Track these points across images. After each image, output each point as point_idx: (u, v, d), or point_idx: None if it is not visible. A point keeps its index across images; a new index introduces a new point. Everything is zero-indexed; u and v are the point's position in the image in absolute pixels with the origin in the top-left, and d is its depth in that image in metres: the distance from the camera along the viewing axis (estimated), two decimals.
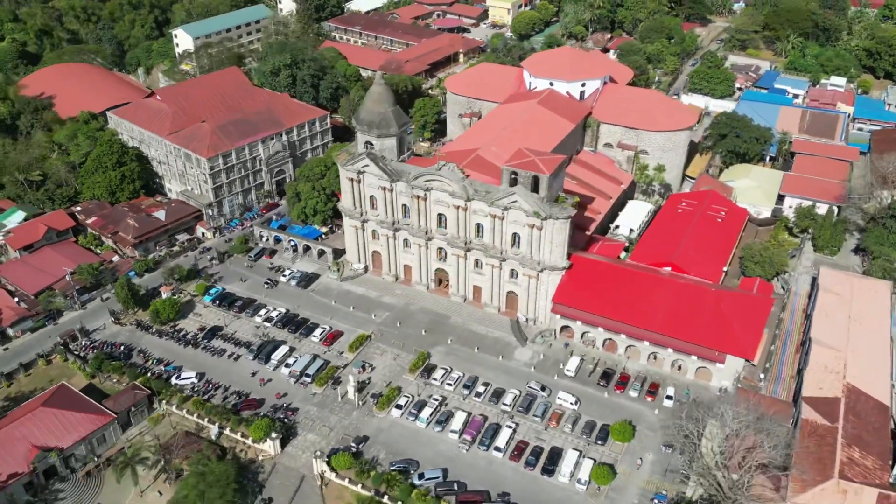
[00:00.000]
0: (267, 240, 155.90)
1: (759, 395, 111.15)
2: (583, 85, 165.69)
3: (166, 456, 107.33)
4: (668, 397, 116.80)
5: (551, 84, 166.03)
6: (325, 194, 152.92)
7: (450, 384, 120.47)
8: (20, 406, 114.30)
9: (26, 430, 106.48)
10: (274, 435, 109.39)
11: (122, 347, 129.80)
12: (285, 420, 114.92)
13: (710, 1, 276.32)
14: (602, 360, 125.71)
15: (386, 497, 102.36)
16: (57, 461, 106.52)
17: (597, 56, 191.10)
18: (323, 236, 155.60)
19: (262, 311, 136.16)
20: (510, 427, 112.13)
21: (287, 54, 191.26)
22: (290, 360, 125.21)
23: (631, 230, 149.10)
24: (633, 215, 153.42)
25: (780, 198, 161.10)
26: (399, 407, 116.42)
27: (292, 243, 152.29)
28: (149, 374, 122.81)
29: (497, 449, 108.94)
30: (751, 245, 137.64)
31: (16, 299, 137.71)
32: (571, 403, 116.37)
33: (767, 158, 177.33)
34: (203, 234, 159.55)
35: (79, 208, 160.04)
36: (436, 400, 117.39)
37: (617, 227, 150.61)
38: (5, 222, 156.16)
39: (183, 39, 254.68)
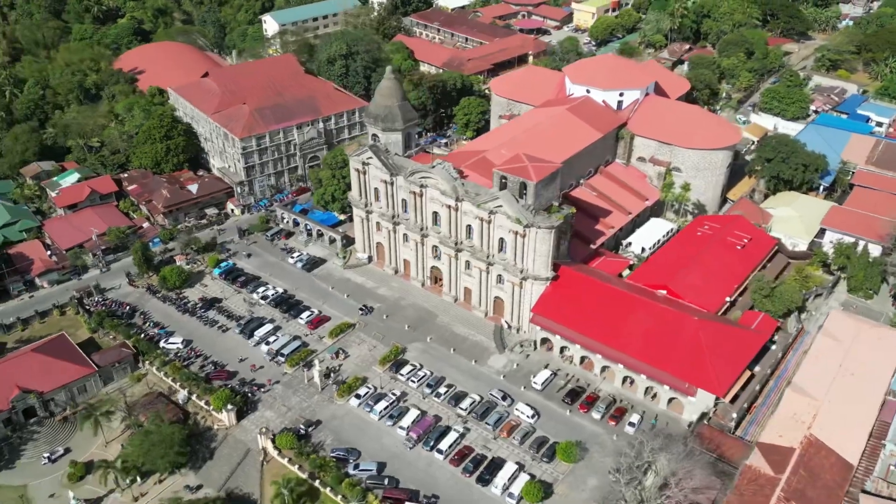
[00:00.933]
0: (287, 222, 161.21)
1: (722, 435, 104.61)
2: (620, 94, 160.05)
3: (131, 412, 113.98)
4: (631, 424, 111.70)
5: (588, 91, 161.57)
6: (344, 183, 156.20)
7: (414, 381, 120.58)
8: (19, 349, 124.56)
9: (13, 370, 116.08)
10: (230, 406, 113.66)
11: (127, 308, 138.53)
12: (249, 394, 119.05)
13: (813, 16, 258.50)
14: (576, 378, 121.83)
15: (318, 482, 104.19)
16: (36, 403, 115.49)
17: (647, 66, 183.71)
18: (341, 224, 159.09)
19: (261, 289, 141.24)
20: (457, 431, 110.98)
21: (343, 44, 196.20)
22: (271, 339, 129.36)
23: (643, 248, 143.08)
24: (649, 234, 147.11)
25: (823, 231, 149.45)
26: (358, 397, 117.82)
27: (307, 227, 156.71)
28: (141, 336, 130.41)
29: (439, 451, 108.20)
30: (761, 277, 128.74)
31: (49, 253, 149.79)
32: (529, 416, 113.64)
33: (821, 188, 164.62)
34: (232, 210, 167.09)
35: (125, 175, 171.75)
36: (394, 394, 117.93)
37: (629, 244, 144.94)
38: (61, 182, 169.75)
39: (270, 25, 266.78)
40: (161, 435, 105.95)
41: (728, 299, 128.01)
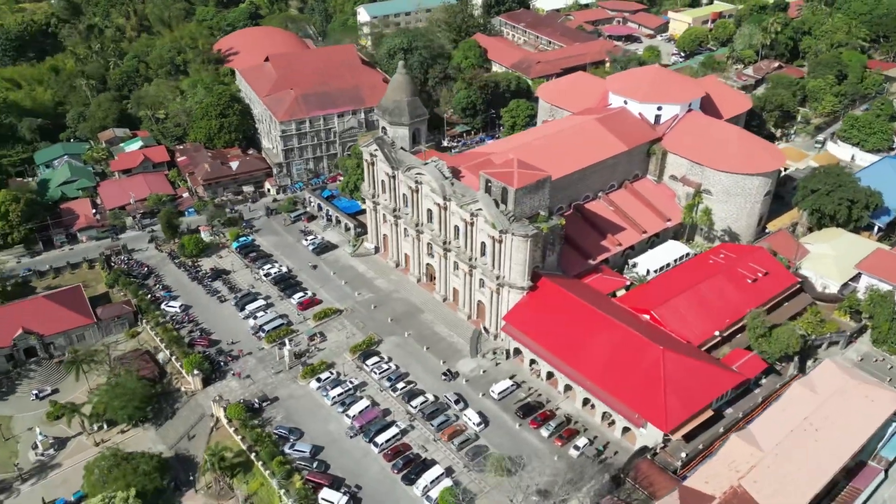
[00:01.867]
0: (312, 205, 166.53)
1: (660, 474, 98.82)
2: (659, 108, 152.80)
3: (113, 364, 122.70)
4: (576, 447, 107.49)
5: (625, 103, 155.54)
6: None
7: (377, 373, 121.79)
8: (36, 295, 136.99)
9: (21, 312, 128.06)
10: (196, 371, 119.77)
11: (145, 269, 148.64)
12: (222, 364, 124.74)
13: None
14: (538, 393, 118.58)
15: (254, 455, 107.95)
16: (37, 344, 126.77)
17: (701, 81, 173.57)
18: (363, 213, 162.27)
19: (267, 266, 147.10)
20: (398, 427, 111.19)
21: (404, 38, 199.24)
22: (259, 314, 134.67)
23: (647, 270, 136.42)
24: (660, 256, 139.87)
25: (860, 276, 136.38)
26: (319, 380, 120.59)
27: (328, 212, 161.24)
28: (147, 296, 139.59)
29: (375, 444, 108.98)
30: (758, 314, 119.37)
31: (94, 211, 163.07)
32: (475, 424, 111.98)
33: (875, 229, 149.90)
34: (268, 189, 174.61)
35: (180, 147, 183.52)
36: (352, 382, 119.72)
37: (635, 264, 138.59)
38: (126, 148, 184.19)
39: (362, 17, 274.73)
40: (125, 388, 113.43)
41: (717, 333, 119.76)
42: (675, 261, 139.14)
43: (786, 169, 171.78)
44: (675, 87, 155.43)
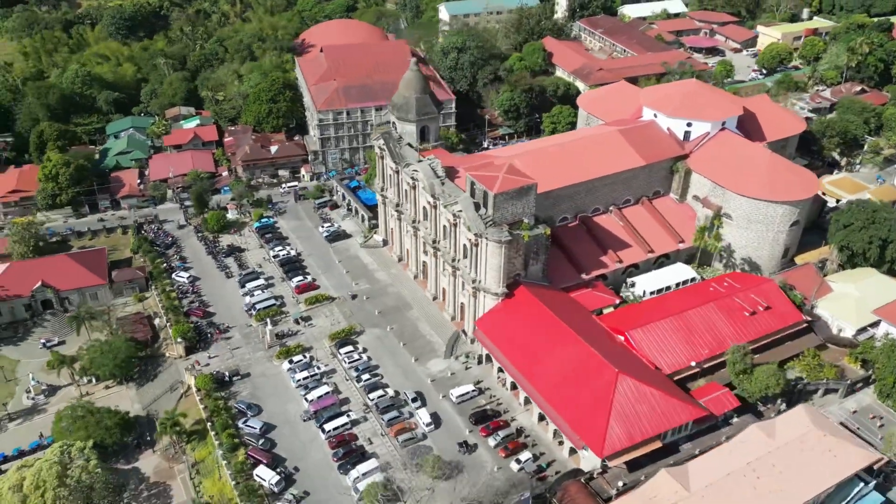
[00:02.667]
0: (338, 194, 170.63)
1: (588, 499, 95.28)
2: (688, 124, 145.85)
3: (112, 324, 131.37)
4: (518, 461, 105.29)
5: (655, 116, 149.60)
6: None
7: (347, 362, 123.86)
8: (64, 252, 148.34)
9: (44, 267, 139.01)
10: (180, 340, 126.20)
11: (169, 239, 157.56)
12: (209, 335, 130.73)
13: None
14: (498, 401, 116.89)
15: (210, 425, 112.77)
16: (53, 298, 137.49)
17: (752, 100, 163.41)
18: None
19: (278, 248, 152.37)
20: (348, 417, 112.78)
21: (460, 38, 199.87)
22: (256, 293, 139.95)
23: (644, 291, 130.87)
24: (662, 278, 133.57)
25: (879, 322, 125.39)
26: (291, 362, 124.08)
27: (349, 202, 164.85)
28: (163, 264, 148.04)
29: (323, 430, 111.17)
30: (739, 349, 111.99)
31: (139, 181, 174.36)
32: (426, 424, 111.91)
33: None
34: (303, 175, 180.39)
35: (231, 128, 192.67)
36: (319, 368, 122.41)
37: (633, 283, 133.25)
38: (184, 125, 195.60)
39: (443, 14, 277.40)
40: (112, 347, 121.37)
41: (694, 364, 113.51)
42: (677, 284, 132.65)
43: (838, 201, 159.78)
44: (708, 104, 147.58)
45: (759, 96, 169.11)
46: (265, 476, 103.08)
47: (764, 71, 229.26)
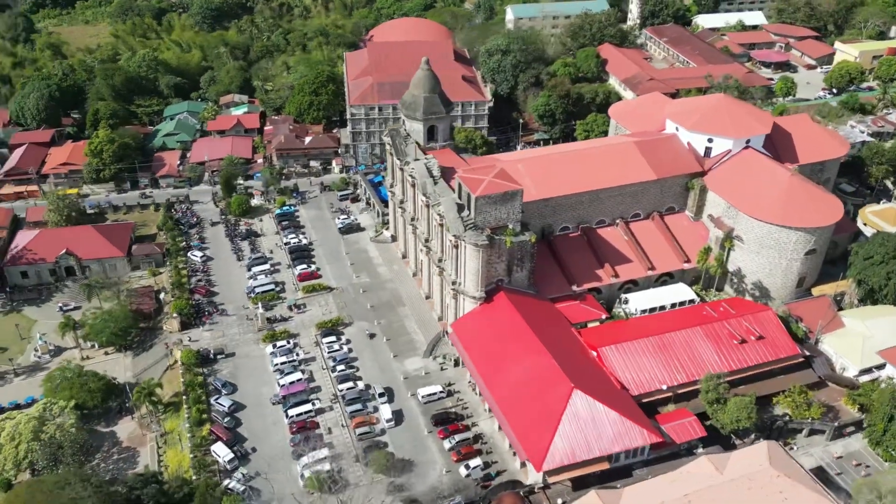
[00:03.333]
0: (361, 187, 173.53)
1: None
2: (709, 140, 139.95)
3: (120, 294, 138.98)
4: (467, 466, 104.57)
5: (677, 129, 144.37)
6: None
7: (327, 352, 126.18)
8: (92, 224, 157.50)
9: (70, 236, 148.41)
10: (175, 315, 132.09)
11: (195, 219, 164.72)
12: (207, 313, 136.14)
13: None
14: (464, 405, 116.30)
15: (185, 398, 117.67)
16: (75, 265, 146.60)
17: (792, 118, 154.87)
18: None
19: (290, 235, 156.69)
20: (313, 405, 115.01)
21: (504, 40, 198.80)
22: (260, 276, 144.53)
23: (636, 309, 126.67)
24: (658, 297, 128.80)
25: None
26: (274, 346, 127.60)
27: (367, 196, 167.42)
28: (182, 242, 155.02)
29: (287, 415, 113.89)
30: (714, 377, 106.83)
31: (179, 163, 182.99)
32: (387, 420, 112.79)
33: None
34: (334, 167, 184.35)
35: (274, 117, 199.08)
36: (298, 354, 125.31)
37: (626, 300, 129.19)
38: (233, 112, 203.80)
39: (509, 16, 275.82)
40: (112, 316, 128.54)
41: (664, 387, 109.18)
42: (673, 305, 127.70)
43: (878, 232, 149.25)
44: (730, 120, 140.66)
45: (799, 115, 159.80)
46: (221, 453, 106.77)
47: (834, 90, 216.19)
